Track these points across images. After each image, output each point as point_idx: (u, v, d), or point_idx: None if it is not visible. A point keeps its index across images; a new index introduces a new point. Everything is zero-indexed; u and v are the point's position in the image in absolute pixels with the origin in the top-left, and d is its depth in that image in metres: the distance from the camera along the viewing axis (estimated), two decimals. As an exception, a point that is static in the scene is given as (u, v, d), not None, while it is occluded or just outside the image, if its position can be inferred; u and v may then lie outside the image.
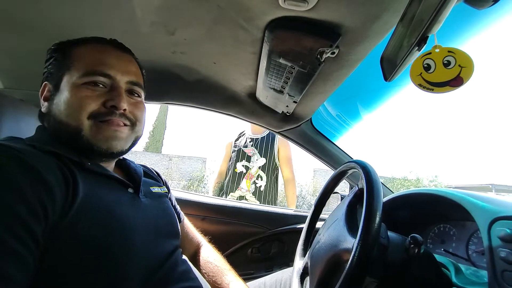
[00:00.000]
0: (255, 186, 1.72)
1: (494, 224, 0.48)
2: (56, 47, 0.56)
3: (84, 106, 0.49)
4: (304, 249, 0.74)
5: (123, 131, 0.53)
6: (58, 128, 0.51)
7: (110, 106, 0.51)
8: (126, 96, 0.54)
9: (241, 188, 1.71)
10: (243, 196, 1.70)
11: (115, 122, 0.52)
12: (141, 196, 0.55)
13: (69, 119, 0.49)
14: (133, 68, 0.58)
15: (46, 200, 0.38)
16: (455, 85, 0.41)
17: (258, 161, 1.72)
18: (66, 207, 0.40)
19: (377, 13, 0.51)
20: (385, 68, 0.53)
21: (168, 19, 0.64)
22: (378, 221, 0.43)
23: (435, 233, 0.75)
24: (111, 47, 0.56)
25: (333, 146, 1.20)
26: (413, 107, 59.23)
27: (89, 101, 0.50)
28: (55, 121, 0.51)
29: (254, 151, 1.73)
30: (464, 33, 0.63)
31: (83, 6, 0.61)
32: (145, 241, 0.49)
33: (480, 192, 0.62)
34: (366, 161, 0.58)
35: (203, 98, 1.02)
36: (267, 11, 0.55)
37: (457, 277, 0.52)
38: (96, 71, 0.51)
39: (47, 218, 0.38)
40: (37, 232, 0.36)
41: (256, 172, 1.72)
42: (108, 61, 0.53)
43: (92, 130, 0.50)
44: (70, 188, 0.42)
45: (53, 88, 0.53)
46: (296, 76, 0.72)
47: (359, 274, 0.41)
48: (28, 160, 0.39)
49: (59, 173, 0.42)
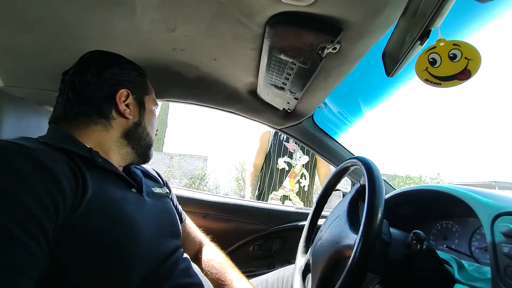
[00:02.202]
0: (299, 185, 1.60)
1: (497, 220, 0.48)
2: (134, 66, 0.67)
3: (155, 127, 0.70)
4: (305, 246, 0.74)
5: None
6: (140, 136, 0.63)
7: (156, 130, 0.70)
8: None
9: (284, 187, 1.60)
10: (287, 196, 1.60)
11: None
12: (144, 196, 0.57)
13: (150, 133, 0.66)
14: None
15: (57, 197, 0.39)
16: (463, 78, 0.41)
17: (302, 158, 1.61)
18: (76, 203, 0.42)
19: (378, 8, 0.50)
20: (387, 63, 0.53)
21: (168, 15, 0.64)
22: (380, 217, 0.43)
23: (437, 229, 0.74)
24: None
25: (335, 143, 1.19)
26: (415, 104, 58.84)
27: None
28: (141, 131, 0.63)
29: (297, 147, 1.62)
30: (468, 26, 0.62)
31: (83, 4, 0.61)
32: (149, 238, 0.50)
33: (484, 189, 0.62)
34: (368, 157, 0.57)
35: (203, 95, 1.02)
36: (267, 6, 0.54)
37: (460, 273, 0.52)
38: (156, 103, 0.70)
39: (58, 214, 0.39)
40: (48, 228, 0.37)
41: (300, 171, 1.61)
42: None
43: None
44: (79, 185, 0.43)
45: (137, 103, 0.64)
46: (297, 72, 0.71)
47: (361, 270, 0.41)
48: (39, 157, 0.40)
49: (69, 170, 0.43)
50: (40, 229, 0.36)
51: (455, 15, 0.40)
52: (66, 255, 0.40)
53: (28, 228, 0.35)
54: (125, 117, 0.60)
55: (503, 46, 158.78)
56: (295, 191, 1.60)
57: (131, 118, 0.61)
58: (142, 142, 0.63)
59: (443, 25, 0.40)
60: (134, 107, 0.62)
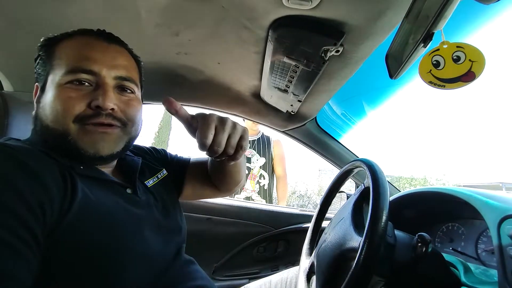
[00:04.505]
0: (259, 185, 1.74)
1: (503, 222, 0.48)
2: (41, 43, 0.50)
3: (68, 108, 0.45)
4: (310, 248, 0.74)
5: (112, 132, 0.49)
6: (45, 132, 0.47)
7: (95, 106, 0.46)
8: (115, 94, 0.49)
9: (246, 189, 1.73)
10: (249, 196, 1.72)
11: (102, 124, 0.47)
12: (139, 195, 0.53)
13: (54, 124, 0.45)
14: (123, 60, 0.51)
15: (43, 198, 0.37)
16: (467, 80, 0.41)
17: (259, 161, 1.76)
18: (64, 207, 0.39)
19: (381, 11, 0.50)
20: (390, 65, 0.53)
21: (172, 20, 0.65)
22: (384, 219, 0.43)
23: (443, 232, 0.74)
24: (96, 39, 0.50)
25: (339, 145, 1.19)
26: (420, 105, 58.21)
27: (73, 102, 0.45)
28: (42, 125, 0.47)
29: (253, 152, 1.77)
30: (470, 25, 0.62)
31: (89, 9, 0.62)
32: (147, 242, 0.48)
33: (490, 191, 0.61)
34: (372, 159, 0.57)
35: (207, 98, 1.02)
36: (270, 10, 0.55)
37: (466, 276, 0.52)
38: (79, 67, 0.46)
39: (44, 216, 0.37)
40: (37, 232, 0.35)
41: (258, 172, 1.75)
42: (92, 55, 0.47)
43: (79, 134, 0.46)
44: (68, 187, 0.41)
45: (40, 90, 0.49)
46: (301, 75, 0.72)
47: (366, 273, 0.41)
48: (23, 158, 0.38)
49: (56, 171, 0.41)
50: (30, 233, 0.34)
51: (457, 15, 0.40)
52: (59, 265, 0.38)
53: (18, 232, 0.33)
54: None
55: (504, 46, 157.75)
56: (256, 191, 1.74)
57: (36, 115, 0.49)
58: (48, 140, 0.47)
59: (445, 25, 0.40)
60: (38, 96, 0.49)
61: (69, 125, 0.45)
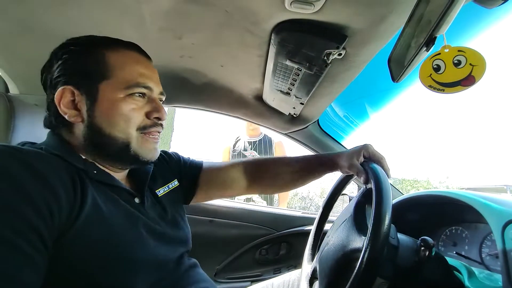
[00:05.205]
0: None
1: (507, 226, 0.47)
2: (80, 48, 0.50)
3: (132, 119, 0.50)
4: (312, 254, 0.74)
5: (159, 139, 0.56)
6: (100, 140, 0.49)
7: (154, 117, 0.53)
8: None
9: None
10: (249, 198, 1.72)
11: (156, 133, 0.54)
12: (146, 205, 0.54)
13: (117, 132, 0.49)
14: (158, 77, 0.58)
15: (51, 202, 0.38)
16: (467, 84, 0.41)
17: None
18: (73, 214, 0.40)
19: (383, 15, 0.51)
20: (393, 69, 0.53)
21: (176, 24, 0.65)
22: (388, 219, 0.42)
23: (446, 235, 0.73)
24: (139, 54, 0.55)
25: (341, 147, 1.19)
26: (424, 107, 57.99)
27: (135, 114, 0.50)
28: (98, 133, 0.49)
29: (254, 153, 1.78)
30: (472, 29, 0.62)
31: (94, 13, 0.63)
32: (152, 252, 0.49)
33: (495, 193, 0.61)
34: (374, 163, 0.57)
35: (210, 101, 1.03)
36: (273, 14, 0.55)
37: (470, 280, 0.51)
38: (139, 83, 0.51)
39: (53, 219, 0.37)
40: (45, 235, 0.36)
41: None
42: (145, 72, 0.53)
43: (139, 142, 0.51)
44: (78, 192, 0.42)
45: (86, 97, 0.49)
46: (303, 78, 0.72)
47: (369, 274, 0.41)
48: (32, 162, 0.39)
49: (66, 176, 0.42)
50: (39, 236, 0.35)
51: (459, 19, 0.40)
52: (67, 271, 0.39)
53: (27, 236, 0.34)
54: (71, 122, 0.49)
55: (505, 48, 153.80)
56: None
57: (78, 120, 0.49)
58: (105, 146, 0.49)
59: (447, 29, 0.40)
60: (82, 104, 0.49)
61: (132, 134, 0.50)
